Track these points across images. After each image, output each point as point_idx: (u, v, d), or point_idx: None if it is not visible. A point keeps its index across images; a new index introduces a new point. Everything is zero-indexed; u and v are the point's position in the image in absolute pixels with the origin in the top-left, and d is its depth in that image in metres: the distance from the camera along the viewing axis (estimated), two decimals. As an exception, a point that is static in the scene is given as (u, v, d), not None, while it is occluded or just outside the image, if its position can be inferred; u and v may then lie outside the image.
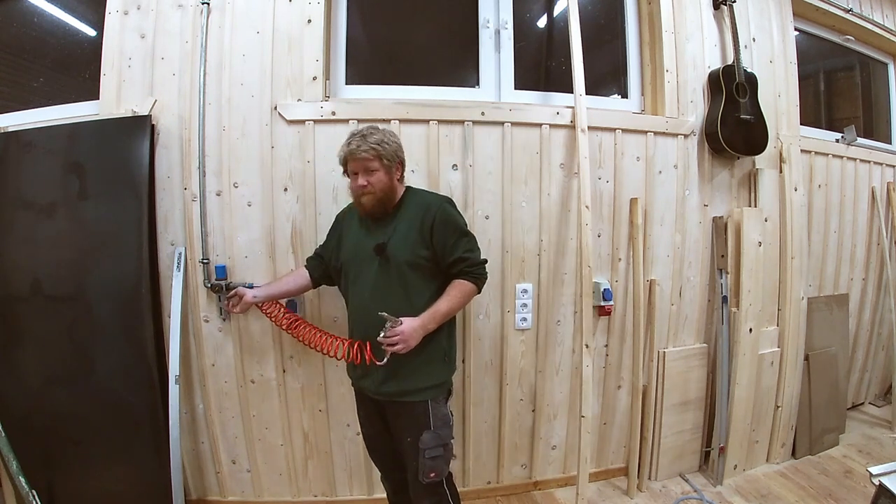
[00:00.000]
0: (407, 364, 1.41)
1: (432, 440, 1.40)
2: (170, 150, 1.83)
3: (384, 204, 1.45)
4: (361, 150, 1.40)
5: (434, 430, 1.41)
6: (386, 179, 1.43)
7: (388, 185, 1.44)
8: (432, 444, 1.39)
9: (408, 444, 1.43)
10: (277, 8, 1.84)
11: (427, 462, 1.39)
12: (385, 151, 1.42)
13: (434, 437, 1.40)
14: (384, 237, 1.44)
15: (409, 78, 2.02)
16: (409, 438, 1.43)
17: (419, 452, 1.39)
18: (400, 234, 1.43)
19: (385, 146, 1.42)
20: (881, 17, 2.80)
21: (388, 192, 1.45)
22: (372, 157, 1.41)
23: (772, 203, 2.29)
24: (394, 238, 1.43)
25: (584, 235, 1.90)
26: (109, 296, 1.79)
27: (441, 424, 1.43)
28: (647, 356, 2.16)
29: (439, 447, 1.40)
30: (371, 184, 1.42)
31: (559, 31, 2.21)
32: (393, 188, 1.46)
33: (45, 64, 2.12)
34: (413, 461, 1.42)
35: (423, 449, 1.39)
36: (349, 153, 1.42)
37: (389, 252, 1.41)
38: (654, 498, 2.11)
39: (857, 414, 2.86)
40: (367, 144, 1.40)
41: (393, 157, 1.45)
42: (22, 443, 1.72)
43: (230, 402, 1.93)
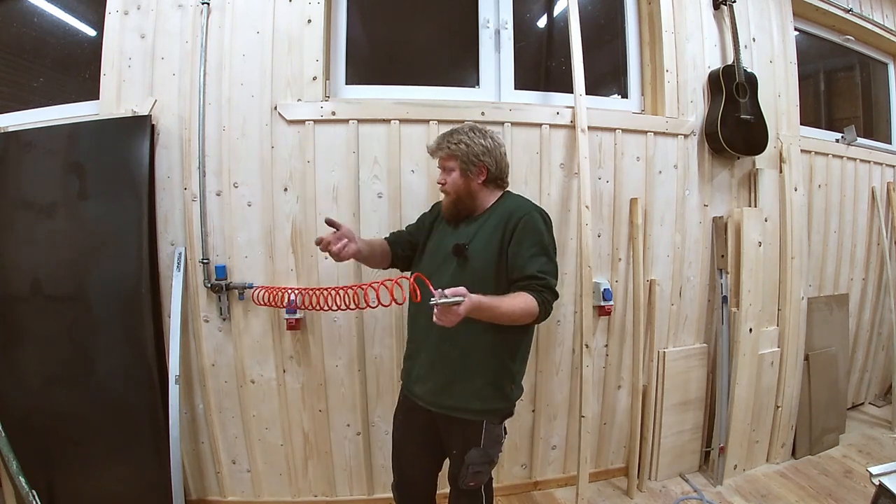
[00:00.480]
0: (469, 381, 1.31)
1: (479, 457, 1.33)
2: (170, 150, 1.83)
3: (458, 206, 1.38)
4: (439, 147, 1.37)
5: (483, 448, 1.33)
6: (461, 181, 1.36)
7: (462, 187, 1.36)
8: (479, 460, 1.33)
9: (453, 455, 1.39)
10: (277, 8, 1.84)
11: (469, 475, 1.34)
12: (461, 152, 1.34)
13: (482, 455, 1.33)
14: (466, 238, 1.35)
15: (409, 78, 2.02)
16: (455, 451, 1.37)
17: (464, 464, 1.33)
18: (482, 238, 1.33)
19: (462, 146, 1.34)
20: (881, 17, 2.80)
21: (462, 195, 1.37)
22: (446, 156, 1.37)
23: (772, 203, 2.29)
24: (475, 241, 1.33)
25: (584, 235, 1.90)
26: (109, 296, 1.79)
27: (492, 444, 1.35)
28: (647, 356, 2.16)
29: (485, 464, 1.35)
30: (448, 183, 1.37)
31: (559, 31, 2.21)
32: (470, 192, 1.37)
33: (45, 64, 2.12)
34: (456, 469, 1.38)
35: (469, 464, 1.33)
36: (430, 150, 1.41)
37: (469, 254, 1.32)
38: (654, 498, 2.11)
39: (857, 414, 2.86)
40: (445, 142, 1.36)
41: (470, 159, 1.34)
42: (22, 443, 1.72)
43: (230, 402, 1.93)
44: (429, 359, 1.37)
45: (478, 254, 1.32)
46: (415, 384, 1.41)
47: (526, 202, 1.41)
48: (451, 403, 1.33)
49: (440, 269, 1.36)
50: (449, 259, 1.35)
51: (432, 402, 1.36)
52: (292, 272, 1.87)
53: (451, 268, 1.34)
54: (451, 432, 1.38)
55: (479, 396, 1.32)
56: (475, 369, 1.31)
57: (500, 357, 1.33)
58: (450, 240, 1.38)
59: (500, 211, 1.37)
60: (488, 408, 1.33)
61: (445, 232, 1.44)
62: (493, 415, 1.35)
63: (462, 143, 1.35)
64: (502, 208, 1.38)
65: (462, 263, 1.32)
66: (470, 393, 1.32)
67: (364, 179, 1.87)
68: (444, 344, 1.32)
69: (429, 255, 1.45)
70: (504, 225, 1.32)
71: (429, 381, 1.36)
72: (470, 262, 1.32)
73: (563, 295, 2.03)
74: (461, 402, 1.32)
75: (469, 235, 1.36)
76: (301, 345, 1.91)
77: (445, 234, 1.43)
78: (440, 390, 1.34)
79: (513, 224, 1.31)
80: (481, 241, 1.33)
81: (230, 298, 1.86)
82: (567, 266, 2.04)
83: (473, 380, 1.31)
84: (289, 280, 1.87)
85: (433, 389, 1.35)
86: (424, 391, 1.37)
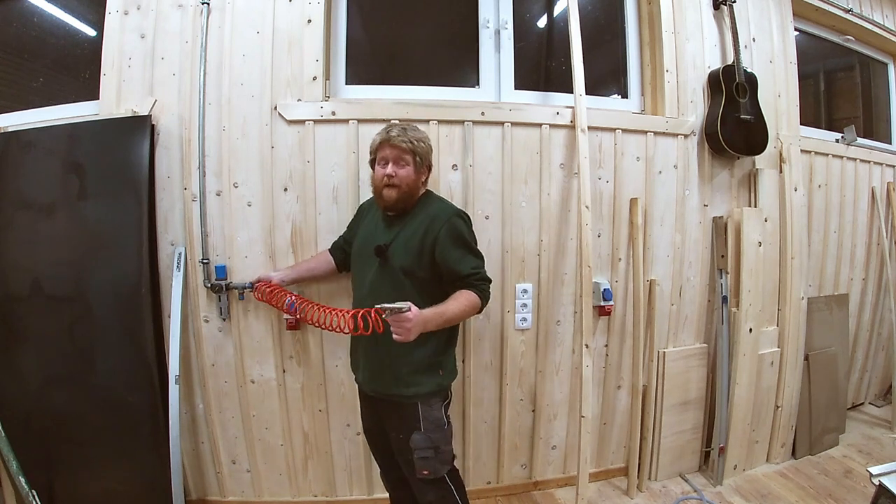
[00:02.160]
0: (396, 369, 1.41)
1: (422, 442, 1.40)
2: (170, 150, 1.83)
3: (405, 201, 1.45)
4: (400, 139, 1.41)
5: (424, 433, 1.40)
6: (413, 177, 1.44)
7: (413, 182, 1.44)
8: (422, 445, 1.40)
9: (399, 441, 1.44)
10: (277, 8, 1.84)
11: (418, 462, 1.40)
12: (420, 150, 1.44)
13: (424, 440, 1.40)
14: (388, 239, 1.44)
15: (409, 78, 2.02)
16: (400, 436, 1.44)
17: (411, 451, 1.40)
18: (402, 239, 1.42)
19: (422, 145, 1.45)
20: (881, 17, 2.80)
21: (411, 190, 1.45)
22: (408, 149, 1.42)
23: (772, 203, 2.29)
24: (396, 242, 1.42)
25: (584, 235, 1.90)
26: (109, 296, 1.79)
27: (433, 428, 1.42)
28: (647, 356, 2.16)
29: (429, 449, 1.40)
30: (398, 176, 1.41)
31: (559, 31, 2.21)
32: (417, 188, 1.47)
33: (45, 64, 2.12)
34: (404, 455, 1.43)
35: (414, 449, 1.40)
36: (386, 139, 1.43)
37: (389, 255, 1.41)
38: (654, 498, 2.11)
39: (857, 414, 2.86)
40: (407, 136, 1.42)
41: (425, 158, 1.46)
42: (22, 443, 1.71)
43: (230, 402, 1.93)
44: (364, 349, 1.49)
45: (397, 255, 1.41)
46: (358, 372, 1.54)
47: (446, 206, 1.52)
48: (382, 387, 1.44)
49: (364, 268, 1.48)
50: (372, 258, 1.44)
51: (369, 387, 1.49)
52: (292, 272, 1.87)
53: (374, 266, 1.44)
54: (391, 417, 1.47)
55: (407, 382, 1.41)
56: (403, 356, 1.40)
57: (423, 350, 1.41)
58: (375, 237, 1.48)
59: (423, 214, 1.45)
60: (420, 392, 1.42)
61: (371, 229, 1.53)
62: (424, 398, 1.42)
63: (421, 140, 1.45)
64: (424, 213, 1.46)
65: (383, 263, 1.42)
66: (396, 379, 1.41)
67: (364, 179, 1.87)
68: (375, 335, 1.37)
69: (356, 255, 1.56)
70: (426, 229, 1.41)
71: (366, 370, 1.49)
72: (390, 262, 1.41)
73: (563, 295, 2.04)
74: (392, 386, 1.42)
75: (391, 236, 1.45)
76: (301, 345, 1.91)
77: (371, 232, 1.52)
78: (374, 376, 1.47)
79: (435, 230, 1.40)
80: (401, 241, 1.42)
81: (230, 298, 1.86)
82: (567, 266, 2.04)
83: (399, 369, 1.41)
84: (289, 280, 1.88)
85: (369, 376, 1.48)
86: (364, 378, 1.51)
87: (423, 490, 1.47)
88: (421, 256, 1.40)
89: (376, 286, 1.43)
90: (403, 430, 1.42)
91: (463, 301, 1.38)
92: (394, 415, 1.46)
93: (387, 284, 1.41)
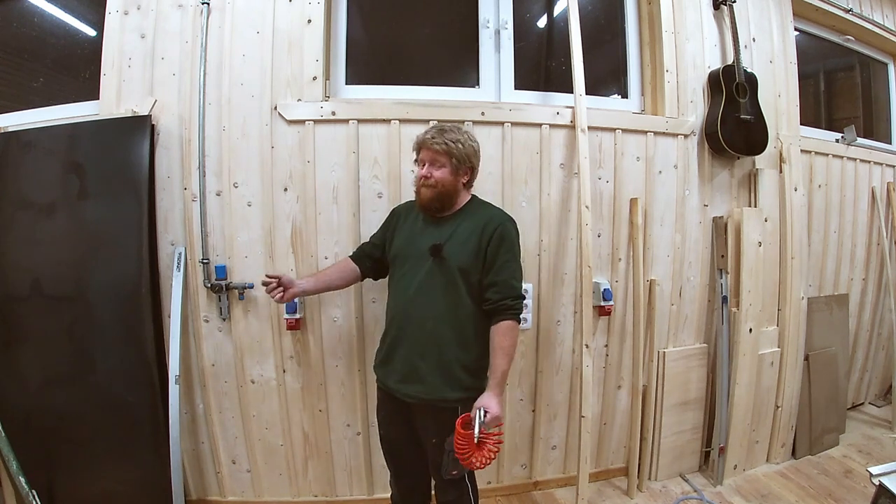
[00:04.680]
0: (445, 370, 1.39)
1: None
2: (170, 150, 1.83)
3: (441, 201, 1.44)
4: (434, 141, 1.41)
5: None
6: (450, 178, 1.42)
7: (450, 183, 1.43)
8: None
9: (433, 445, 1.42)
10: (277, 8, 1.84)
11: (451, 463, 1.37)
12: (457, 151, 1.41)
13: None
14: (441, 238, 1.42)
15: (409, 78, 2.02)
16: (434, 440, 1.41)
17: (444, 453, 1.37)
18: (459, 239, 1.41)
19: (459, 146, 1.41)
20: (881, 17, 2.80)
21: (448, 191, 1.43)
22: (442, 151, 1.40)
23: (772, 203, 2.29)
24: (451, 241, 1.41)
25: (584, 235, 1.90)
26: (109, 296, 1.79)
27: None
28: (647, 356, 2.16)
29: None
30: (434, 177, 1.41)
31: (559, 31, 2.21)
32: (455, 189, 1.45)
33: (45, 64, 2.12)
34: (436, 459, 1.41)
35: (448, 451, 1.37)
36: (423, 141, 1.44)
37: (445, 254, 1.39)
38: (654, 498, 2.11)
39: (857, 414, 2.86)
40: (443, 139, 1.41)
41: (464, 159, 1.43)
42: (22, 443, 1.71)
43: (230, 402, 1.93)
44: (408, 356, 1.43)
45: (454, 254, 1.40)
46: (391, 377, 1.47)
47: (498, 210, 1.53)
48: (428, 391, 1.40)
49: (414, 268, 1.45)
50: (424, 258, 1.42)
51: (412, 393, 1.42)
52: (292, 272, 1.87)
53: (425, 267, 1.42)
54: (426, 421, 1.44)
55: (454, 386, 1.40)
56: (453, 362, 1.39)
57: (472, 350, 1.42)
58: (423, 240, 1.45)
59: (477, 215, 1.46)
60: (463, 396, 1.40)
61: (415, 231, 1.50)
62: (467, 402, 1.40)
63: (459, 142, 1.42)
64: (479, 214, 1.47)
65: (437, 263, 1.40)
66: (445, 381, 1.39)
67: (364, 179, 1.87)
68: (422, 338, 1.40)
69: (399, 257, 1.51)
70: (482, 229, 1.41)
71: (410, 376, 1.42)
72: (447, 261, 1.40)
73: (563, 295, 2.04)
74: (438, 391, 1.39)
75: (444, 236, 1.43)
76: (301, 345, 1.91)
77: (416, 234, 1.49)
78: (418, 382, 1.41)
79: (490, 230, 1.41)
80: (458, 241, 1.41)
81: (230, 298, 1.87)
82: (567, 266, 2.04)
83: (449, 371, 1.39)
84: (289, 280, 1.88)
85: (409, 380, 1.42)
86: (401, 383, 1.44)
87: (444, 489, 1.47)
88: (477, 257, 1.40)
89: (426, 287, 1.41)
90: (440, 433, 1.38)
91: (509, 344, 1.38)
92: (431, 419, 1.43)
93: (439, 284, 1.40)
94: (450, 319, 1.39)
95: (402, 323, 1.45)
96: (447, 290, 1.39)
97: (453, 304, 1.40)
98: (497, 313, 1.39)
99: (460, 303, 1.40)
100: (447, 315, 1.39)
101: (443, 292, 1.39)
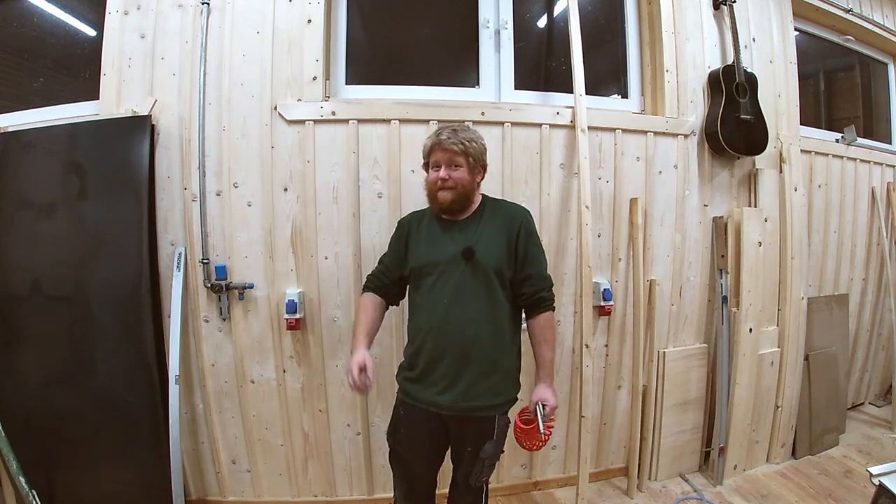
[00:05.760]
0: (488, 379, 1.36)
1: (493, 448, 1.37)
2: (170, 150, 1.83)
3: (462, 202, 1.40)
4: (451, 141, 1.37)
5: (496, 440, 1.37)
6: (468, 178, 1.39)
7: (469, 183, 1.40)
8: (492, 452, 1.37)
9: (468, 454, 1.40)
10: (277, 8, 1.84)
11: (485, 469, 1.38)
12: (473, 150, 1.39)
13: (495, 446, 1.37)
14: (470, 241, 1.38)
15: (409, 78, 2.02)
16: (469, 448, 1.39)
17: (478, 461, 1.37)
18: (487, 240, 1.38)
19: (473, 145, 1.39)
20: (881, 17, 2.80)
21: (468, 191, 1.40)
22: (460, 151, 1.37)
23: (772, 203, 2.29)
24: (481, 242, 1.38)
25: (584, 235, 1.90)
26: (109, 296, 1.79)
27: (502, 433, 1.39)
28: (647, 356, 2.16)
29: (496, 455, 1.39)
30: (453, 178, 1.37)
31: (559, 31, 2.21)
32: (473, 189, 1.43)
33: (45, 64, 2.12)
34: (468, 466, 1.40)
35: (483, 458, 1.36)
36: (437, 143, 1.39)
37: (478, 257, 1.35)
38: (654, 498, 2.11)
39: (857, 414, 2.86)
40: (458, 138, 1.37)
41: (479, 158, 1.41)
42: (22, 443, 1.71)
43: (230, 402, 1.93)
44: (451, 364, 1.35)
45: (486, 254, 1.37)
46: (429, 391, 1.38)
47: (515, 204, 1.53)
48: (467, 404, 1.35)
49: (445, 275, 1.37)
50: (455, 263, 1.36)
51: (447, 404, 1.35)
52: (292, 272, 1.87)
53: (458, 272, 1.36)
54: (465, 431, 1.40)
55: (497, 392, 1.38)
56: (494, 365, 1.37)
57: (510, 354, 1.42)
58: (449, 245, 1.39)
59: (498, 214, 1.44)
60: (501, 402, 1.39)
61: (436, 239, 1.43)
62: (505, 407, 1.41)
63: (473, 140, 1.40)
64: (499, 212, 1.45)
65: (472, 266, 1.36)
66: (489, 388, 1.36)
67: (364, 179, 1.87)
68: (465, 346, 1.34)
69: (423, 270, 1.41)
70: (509, 227, 1.41)
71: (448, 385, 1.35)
72: (480, 264, 1.36)
73: (563, 295, 2.04)
74: (480, 399, 1.35)
75: (471, 238, 1.39)
76: (301, 345, 1.91)
77: (438, 241, 1.42)
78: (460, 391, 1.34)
79: (517, 227, 1.41)
80: (487, 241, 1.38)
81: (230, 298, 1.87)
82: (567, 266, 2.04)
83: (492, 377, 1.37)
84: (289, 280, 1.88)
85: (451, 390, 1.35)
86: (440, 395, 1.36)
87: (462, 493, 1.47)
88: (509, 254, 1.39)
89: (463, 293, 1.35)
90: (477, 442, 1.37)
91: (550, 335, 1.42)
92: (470, 428, 1.39)
93: (476, 288, 1.36)
94: (489, 322, 1.36)
95: (440, 334, 1.36)
96: (484, 292, 1.36)
97: (491, 306, 1.37)
98: (535, 306, 1.41)
99: (497, 304, 1.38)
100: (487, 318, 1.36)
101: (480, 295, 1.36)
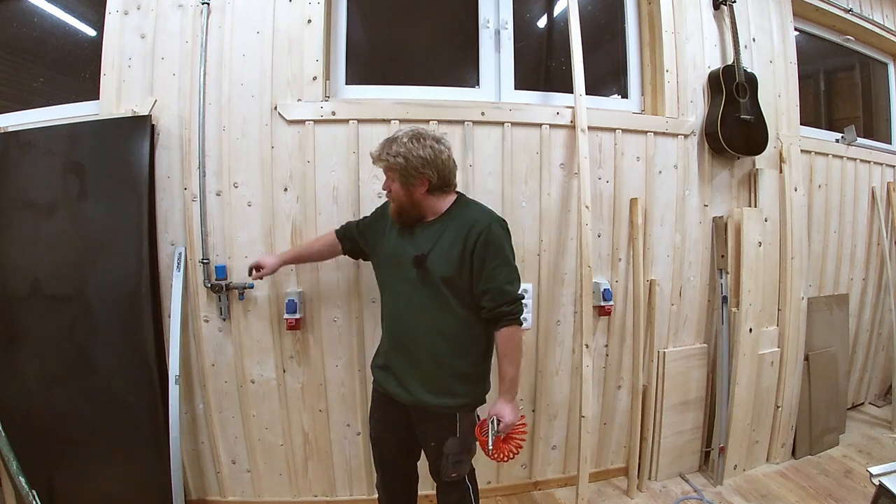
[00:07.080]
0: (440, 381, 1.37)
1: (456, 446, 1.38)
2: (170, 150, 1.83)
3: (403, 214, 1.39)
4: (376, 154, 1.36)
5: (459, 437, 1.38)
6: (402, 192, 1.35)
7: (404, 197, 1.36)
8: (456, 449, 1.38)
9: (431, 448, 1.42)
10: (277, 8, 1.84)
11: (450, 465, 1.38)
12: (399, 166, 1.31)
13: (458, 444, 1.38)
14: (424, 248, 1.36)
15: (409, 78, 2.02)
16: (433, 443, 1.41)
17: (443, 456, 1.38)
18: (443, 247, 1.34)
19: (401, 160, 1.30)
20: (881, 17, 2.80)
21: (405, 205, 1.37)
22: (384, 167, 1.36)
23: (772, 203, 2.29)
24: (435, 250, 1.35)
25: (584, 235, 1.90)
26: (109, 296, 1.79)
27: (467, 432, 1.40)
28: (647, 356, 2.16)
29: (462, 453, 1.40)
30: (392, 191, 1.38)
31: (559, 31, 2.21)
32: (413, 202, 1.36)
33: (45, 64, 2.12)
34: (435, 462, 1.42)
35: (447, 454, 1.38)
36: (371, 156, 1.39)
37: (428, 265, 1.34)
38: (654, 498, 2.11)
39: (857, 414, 2.86)
40: (384, 153, 1.33)
41: (409, 172, 1.31)
42: (22, 443, 1.71)
43: (230, 402, 1.93)
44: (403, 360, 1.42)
45: (437, 264, 1.34)
46: (391, 382, 1.45)
47: (484, 212, 1.41)
48: (424, 397, 1.38)
49: (399, 278, 1.41)
50: (408, 268, 1.37)
51: (409, 397, 1.40)
52: (292, 272, 1.87)
53: (410, 277, 1.37)
54: (425, 424, 1.43)
55: (452, 394, 1.38)
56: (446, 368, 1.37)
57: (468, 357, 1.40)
58: (409, 248, 1.38)
59: (459, 221, 1.37)
60: (460, 403, 1.39)
61: (401, 238, 1.43)
62: (465, 408, 1.41)
63: (400, 155, 1.31)
64: (461, 218, 1.37)
65: (422, 273, 1.35)
66: (443, 389, 1.37)
67: (364, 179, 1.87)
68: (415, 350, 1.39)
69: (385, 267, 1.48)
70: (465, 237, 1.33)
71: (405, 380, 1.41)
72: (430, 273, 1.34)
73: (563, 295, 2.04)
74: (435, 396, 1.37)
75: (427, 245, 1.36)
76: (301, 345, 1.91)
77: (402, 241, 1.42)
78: (414, 388, 1.39)
79: (474, 237, 1.32)
80: (441, 250, 1.35)
81: (230, 298, 1.86)
82: (567, 266, 2.04)
83: (445, 377, 1.37)
84: (289, 280, 1.88)
85: (407, 387, 1.40)
86: (399, 389, 1.42)
87: (446, 491, 1.47)
88: (462, 265, 1.33)
89: (415, 298, 1.37)
90: (439, 436, 1.39)
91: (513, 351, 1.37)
92: (430, 423, 1.41)
93: (426, 295, 1.35)
94: (441, 330, 1.36)
95: (395, 333, 1.44)
96: (434, 300, 1.35)
97: (442, 314, 1.35)
98: (495, 321, 1.35)
99: (449, 312, 1.35)
100: (438, 326, 1.35)
101: (430, 303, 1.35)
